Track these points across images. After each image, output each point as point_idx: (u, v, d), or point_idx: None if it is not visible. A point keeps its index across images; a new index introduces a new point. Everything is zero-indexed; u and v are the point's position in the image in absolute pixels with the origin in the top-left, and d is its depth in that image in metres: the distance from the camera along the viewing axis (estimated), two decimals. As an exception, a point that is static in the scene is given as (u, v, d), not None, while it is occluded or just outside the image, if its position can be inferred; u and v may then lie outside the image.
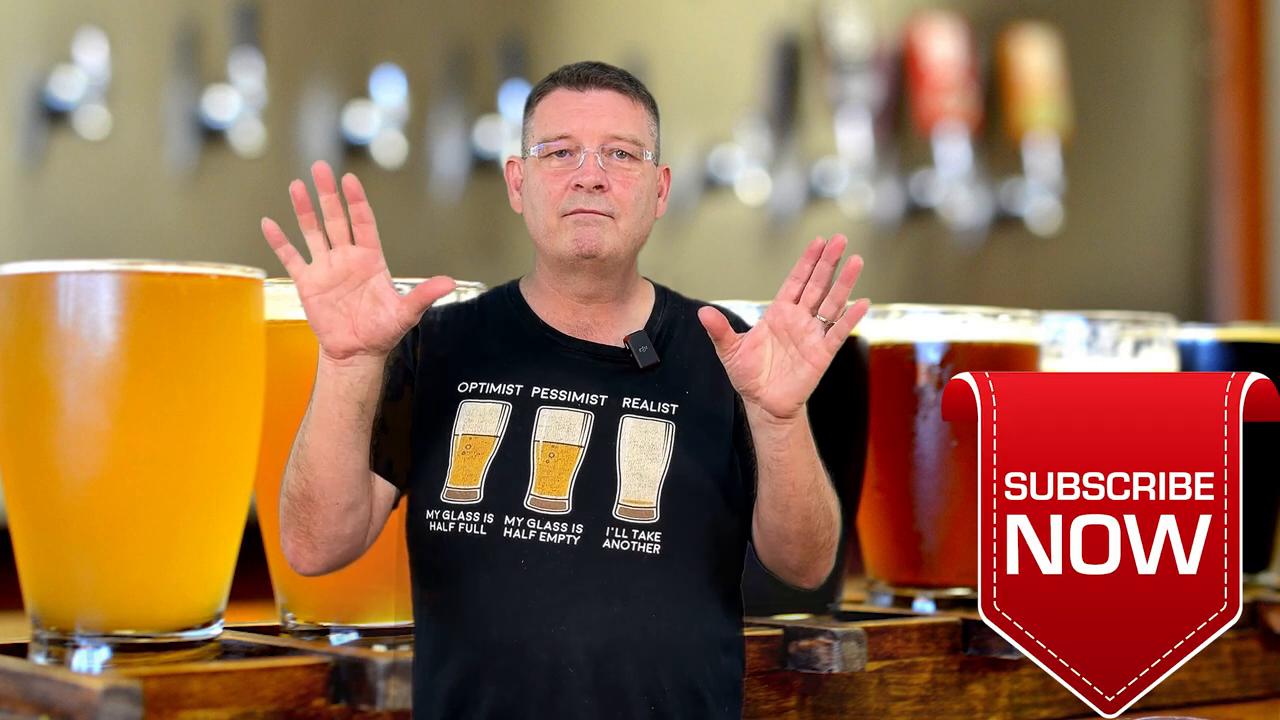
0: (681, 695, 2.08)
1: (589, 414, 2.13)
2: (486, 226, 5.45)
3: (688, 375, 2.17)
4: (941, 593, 2.92)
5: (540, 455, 2.11)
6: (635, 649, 2.06)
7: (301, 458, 2.08)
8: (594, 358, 2.16)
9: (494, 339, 2.19)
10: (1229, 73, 6.99)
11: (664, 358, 2.17)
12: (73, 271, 2.28)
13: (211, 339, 2.32)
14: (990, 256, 6.50)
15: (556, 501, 2.09)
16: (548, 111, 2.17)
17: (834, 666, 2.50)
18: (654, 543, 2.08)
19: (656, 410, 2.14)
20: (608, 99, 2.16)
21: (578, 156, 2.14)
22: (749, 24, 6.01)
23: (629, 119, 2.16)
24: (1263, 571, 3.32)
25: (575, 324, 2.18)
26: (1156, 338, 3.25)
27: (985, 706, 2.73)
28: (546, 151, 2.16)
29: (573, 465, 2.10)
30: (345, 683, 2.22)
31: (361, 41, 5.24)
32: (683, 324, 2.22)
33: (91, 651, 2.26)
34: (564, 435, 2.11)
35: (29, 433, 2.29)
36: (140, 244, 4.72)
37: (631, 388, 2.15)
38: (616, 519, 2.09)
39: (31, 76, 4.68)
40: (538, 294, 2.21)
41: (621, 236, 2.14)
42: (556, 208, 2.14)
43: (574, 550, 2.07)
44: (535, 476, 2.10)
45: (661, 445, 2.13)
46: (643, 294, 2.23)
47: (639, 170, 2.15)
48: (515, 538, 2.07)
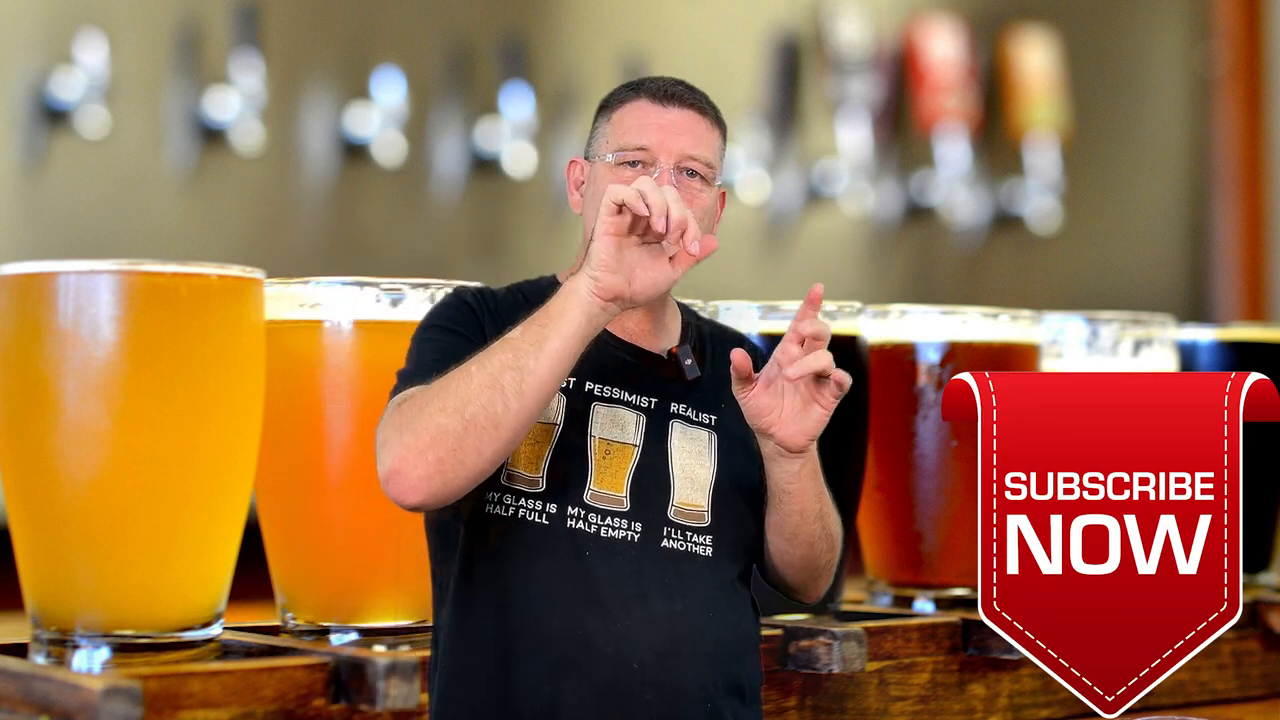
0: (730, 692, 2.13)
1: (641, 415, 2.17)
2: (486, 226, 5.45)
3: (722, 391, 2.21)
4: (941, 593, 2.92)
5: (597, 450, 2.14)
6: (693, 647, 2.10)
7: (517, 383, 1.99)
8: (642, 361, 2.20)
9: None
10: (1229, 73, 6.99)
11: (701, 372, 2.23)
12: (73, 271, 2.27)
13: (211, 339, 2.32)
14: (990, 256, 6.50)
15: (615, 497, 2.12)
16: (628, 121, 2.19)
17: (834, 666, 2.50)
18: (706, 545, 2.14)
19: (699, 419, 2.20)
20: (689, 118, 2.20)
21: (652, 170, 2.16)
22: (749, 24, 6.01)
23: (706, 141, 2.20)
24: (1263, 571, 3.32)
25: (621, 327, 2.21)
26: (1156, 338, 3.25)
27: (985, 706, 2.73)
28: (621, 160, 2.18)
29: (628, 463, 2.14)
30: (345, 683, 2.22)
31: (361, 41, 5.24)
32: (710, 340, 2.28)
33: (91, 651, 2.26)
34: (619, 433, 2.15)
35: (29, 433, 2.29)
36: (140, 244, 4.72)
37: (677, 394, 2.20)
38: (671, 520, 2.13)
39: (31, 76, 4.68)
40: None
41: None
42: None
43: (635, 547, 2.11)
44: (594, 471, 2.13)
45: (707, 452, 2.18)
46: (674, 308, 2.28)
47: (707, 192, 2.19)
48: (579, 529, 2.10)
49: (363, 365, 2.47)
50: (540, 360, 2.01)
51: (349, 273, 2.52)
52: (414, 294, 2.49)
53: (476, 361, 2.02)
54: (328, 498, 2.46)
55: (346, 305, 2.48)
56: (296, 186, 5.14)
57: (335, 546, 2.46)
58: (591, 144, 2.23)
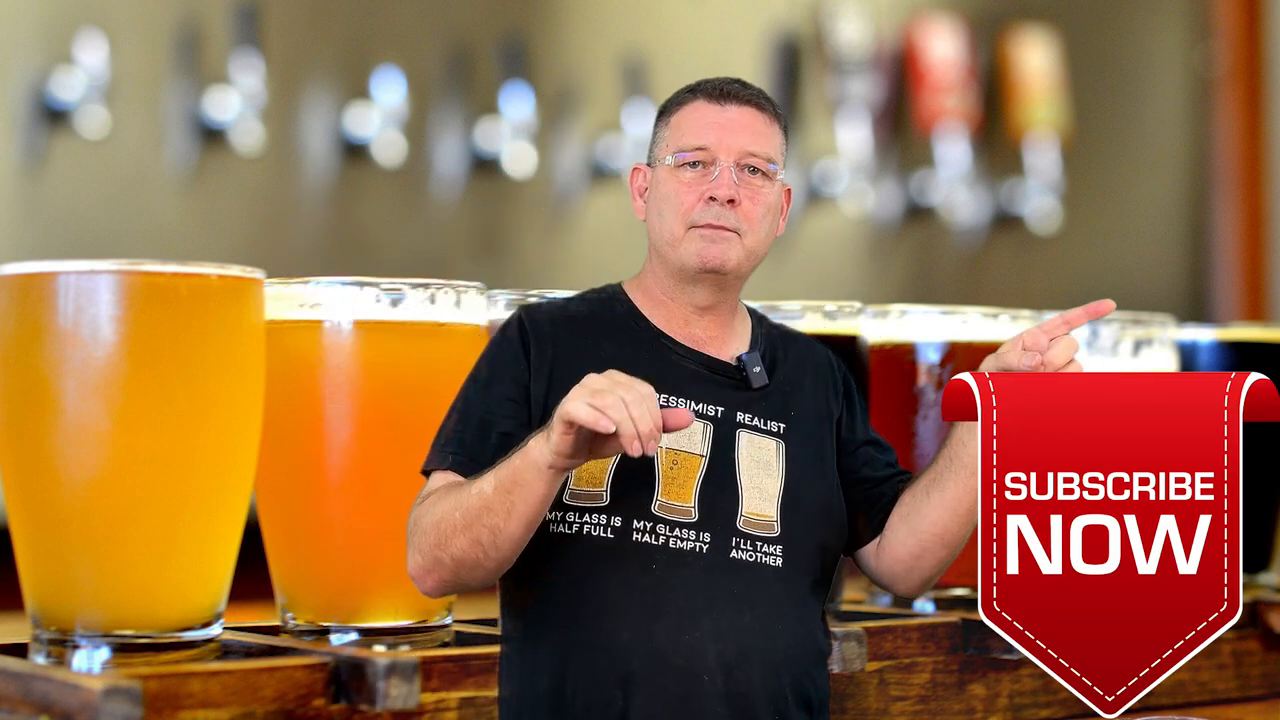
0: (799, 704, 2.13)
1: (708, 424, 2.16)
2: (486, 226, 5.45)
3: (791, 398, 2.21)
4: (941, 593, 2.92)
5: (665, 461, 2.12)
6: (762, 658, 2.10)
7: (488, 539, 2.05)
8: (709, 370, 2.19)
9: (608, 343, 2.19)
10: (1229, 73, 6.99)
11: (770, 379, 2.22)
12: (73, 271, 2.27)
13: (211, 339, 2.32)
14: (990, 256, 6.51)
15: (683, 509, 2.11)
16: (686, 122, 2.19)
17: (834, 666, 2.50)
18: (776, 555, 2.13)
19: (767, 428, 2.19)
20: (748, 115, 2.20)
21: (712, 169, 2.16)
22: (749, 24, 6.01)
23: (765, 137, 2.20)
24: (1263, 571, 3.32)
25: (688, 335, 2.21)
26: (1156, 338, 3.25)
27: (985, 706, 2.73)
28: (681, 162, 2.17)
29: (695, 474, 2.13)
30: (345, 683, 2.22)
31: (361, 41, 5.24)
32: (783, 347, 2.27)
33: (91, 651, 2.26)
34: (686, 444, 2.14)
35: (29, 433, 2.29)
36: (140, 244, 4.72)
37: (744, 403, 2.19)
38: (741, 530, 2.12)
39: (31, 76, 4.68)
40: (650, 302, 2.23)
41: (745, 252, 2.18)
42: (687, 218, 2.16)
43: (704, 558, 2.10)
44: (661, 482, 2.11)
45: (775, 461, 2.17)
46: (743, 313, 2.28)
47: (769, 188, 2.19)
48: (645, 542, 2.09)
49: (363, 365, 2.47)
50: (510, 522, 2.05)
51: (349, 273, 2.52)
52: (414, 294, 2.49)
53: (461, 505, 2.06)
54: (328, 498, 2.46)
55: (346, 305, 2.48)
56: (296, 186, 5.14)
57: (335, 546, 2.46)
58: (653, 149, 2.23)
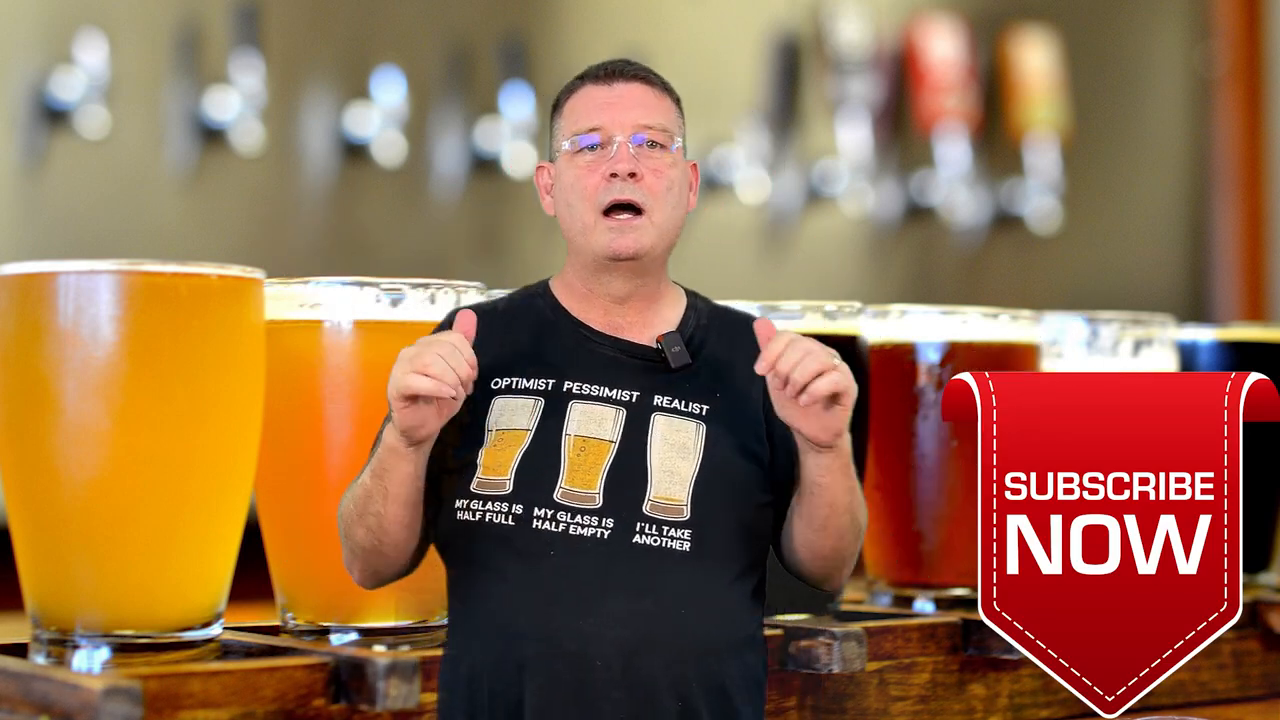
0: (709, 692, 2.09)
1: (621, 410, 2.15)
2: (486, 226, 5.45)
3: (719, 378, 2.19)
4: (941, 593, 2.92)
5: (572, 449, 2.13)
6: (665, 645, 2.07)
7: (374, 524, 2.13)
8: (627, 355, 2.19)
9: (527, 336, 2.21)
10: (1229, 73, 6.99)
11: (696, 359, 2.20)
12: (73, 271, 2.27)
13: (211, 339, 2.32)
14: (990, 256, 6.51)
15: (587, 495, 2.10)
16: (577, 108, 2.20)
17: (834, 666, 2.50)
18: (684, 540, 2.10)
19: (687, 410, 2.16)
20: (636, 90, 2.19)
21: (609, 147, 2.17)
22: (749, 24, 6.01)
23: (657, 109, 2.20)
24: (1263, 571, 3.32)
25: (608, 323, 2.21)
26: (1156, 338, 3.25)
27: (985, 706, 2.73)
28: (578, 146, 2.18)
29: (604, 460, 2.12)
30: (345, 683, 2.22)
31: (361, 41, 5.24)
32: (715, 327, 2.25)
33: (91, 651, 2.26)
34: (595, 430, 2.14)
35: (29, 433, 2.29)
36: (140, 244, 4.72)
37: (663, 386, 2.17)
38: (647, 515, 2.10)
39: (31, 76, 4.68)
40: (570, 293, 2.23)
41: (656, 231, 2.17)
42: (594, 202, 2.16)
43: (604, 544, 2.08)
44: (566, 469, 2.11)
45: (693, 444, 2.15)
46: (674, 297, 2.26)
47: (669, 159, 2.18)
48: (544, 529, 2.09)
49: (363, 365, 2.47)
50: (389, 505, 2.12)
51: (349, 273, 2.52)
52: (414, 294, 2.49)
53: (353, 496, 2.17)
54: (328, 498, 2.46)
55: (346, 305, 2.48)
56: (296, 186, 5.14)
57: (335, 546, 2.45)
58: (551, 145, 2.24)
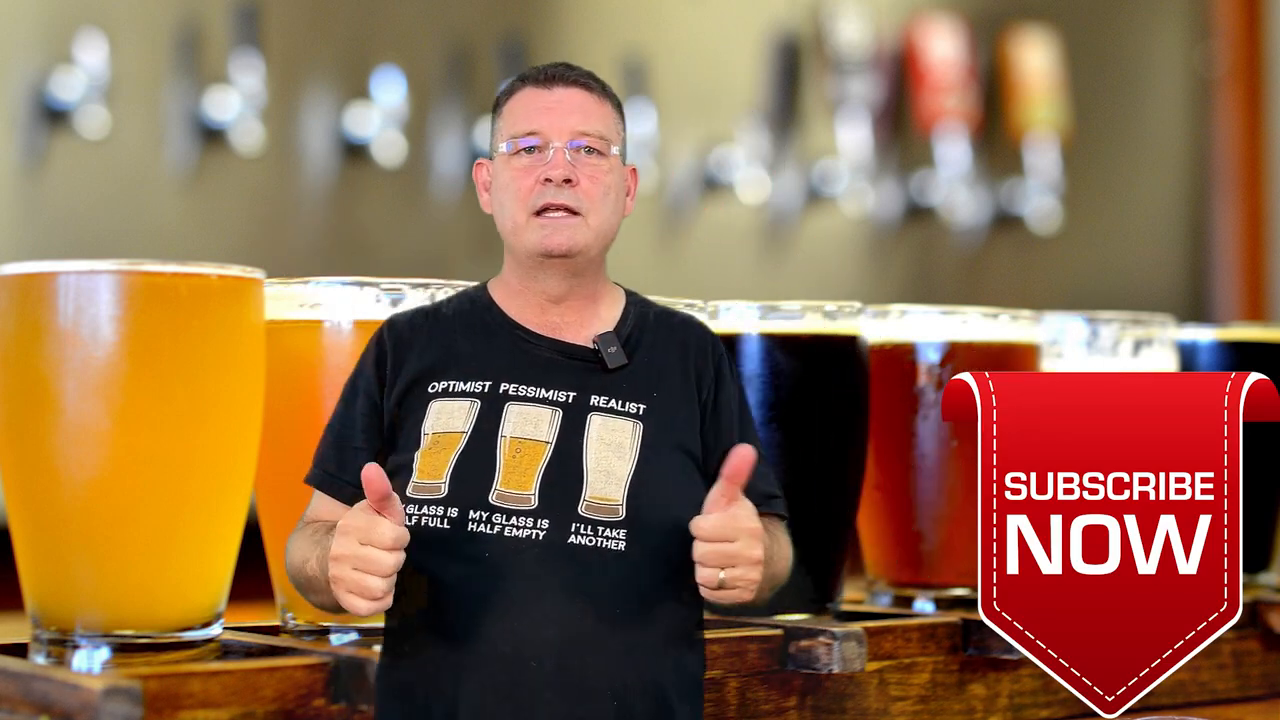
0: (644, 692, 2.08)
1: (557, 411, 2.14)
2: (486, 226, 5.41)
3: (657, 378, 2.18)
4: (941, 593, 2.92)
5: (507, 450, 2.11)
6: (599, 645, 2.06)
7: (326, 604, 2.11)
8: (563, 356, 2.17)
9: (463, 339, 2.20)
10: (1229, 73, 7.00)
11: (633, 359, 2.18)
12: (73, 271, 2.28)
13: (211, 339, 2.32)
14: (990, 256, 6.51)
15: (522, 497, 2.09)
16: (515, 110, 2.19)
17: (834, 666, 2.50)
18: (619, 540, 2.08)
19: (624, 409, 2.15)
20: (575, 96, 2.18)
21: (546, 152, 2.16)
22: (749, 24, 6.01)
23: (596, 115, 2.18)
24: (1263, 571, 3.32)
25: (544, 323, 2.19)
26: (1156, 338, 3.25)
27: (985, 706, 2.73)
28: (515, 149, 2.17)
29: (539, 461, 2.11)
30: (345, 683, 2.22)
31: (361, 41, 5.24)
32: (652, 328, 2.23)
33: (91, 651, 2.26)
34: (531, 431, 2.12)
35: (29, 433, 2.29)
36: (140, 244, 4.72)
37: (600, 386, 2.16)
38: (582, 515, 2.08)
39: (31, 76, 4.68)
40: (507, 294, 2.22)
41: (592, 233, 2.16)
42: (526, 204, 2.15)
43: (539, 545, 2.07)
44: (501, 471, 2.10)
45: (629, 444, 2.13)
46: (612, 297, 2.24)
47: (606, 165, 2.17)
48: (480, 531, 2.08)
49: (363, 365, 2.47)
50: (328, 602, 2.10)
51: (349, 273, 2.52)
52: (414, 294, 2.49)
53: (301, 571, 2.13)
54: (328, 498, 2.46)
55: (346, 305, 2.48)
56: (296, 186, 5.14)
57: (335, 546, 2.46)
58: (490, 144, 2.23)
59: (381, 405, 2.19)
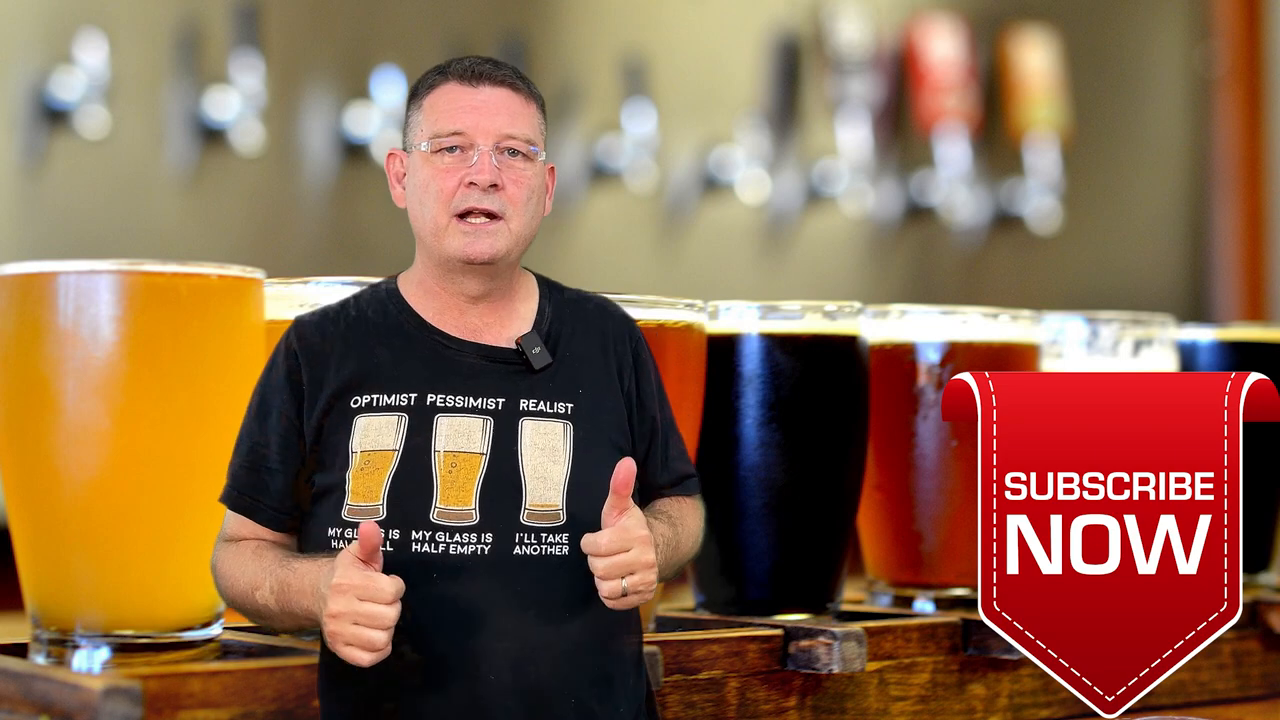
0: (596, 683, 2.07)
1: (488, 419, 2.09)
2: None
3: (580, 372, 2.14)
4: (941, 593, 2.92)
5: (443, 466, 2.06)
6: (552, 651, 2.05)
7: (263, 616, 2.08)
8: (487, 360, 2.12)
9: (381, 347, 2.12)
10: (1229, 73, 7.00)
11: (555, 355, 2.14)
12: (73, 271, 2.28)
13: (211, 339, 2.32)
14: (990, 256, 6.51)
15: (463, 512, 2.05)
16: (439, 106, 2.12)
17: (834, 666, 2.50)
18: (563, 544, 2.06)
19: (553, 410, 2.11)
20: (502, 97, 2.12)
21: (470, 154, 2.10)
22: (749, 24, 6.01)
23: (522, 118, 2.13)
24: (1263, 571, 3.32)
25: (464, 325, 2.14)
26: (1156, 338, 3.25)
27: (985, 706, 2.73)
28: (438, 147, 2.11)
29: (476, 474, 2.07)
30: (345, 683, 2.22)
31: (361, 41, 5.24)
32: (570, 318, 2.18)
33: (91, 651, 2.26)
34: (465, 443, 2.07)
35: (29, 433, 2.30)
36: (140, 244, 4.72)
37: (528, 389, 2.11)
38: (525, 524, 2.06)
39: (31, 76, 4.68)
40: (422, 294, 2.16)
41: (513, 238, 2.11)
42: (448, 205, 2.10)
43: (484, 560, 2.04)
44: (439, 488, 2.06)
45: (562, 446, 2.10)
46: (528, 290, 2.19)
47: (531, 169, 2.12)
48: (425, 552, 2.04)
49: (363, 365, 2.47)
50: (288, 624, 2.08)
51: (349, 273, 2.52)
52: (414, 294, 2.49)
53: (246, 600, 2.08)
54: (328, 498, 2.46)
55: (346, 305, 2.47)
56: (296, 186, 5.14)
57: (335, 546, 2.46)
58: (406, 134, 2.16)
59: (300, 424, 2.11)
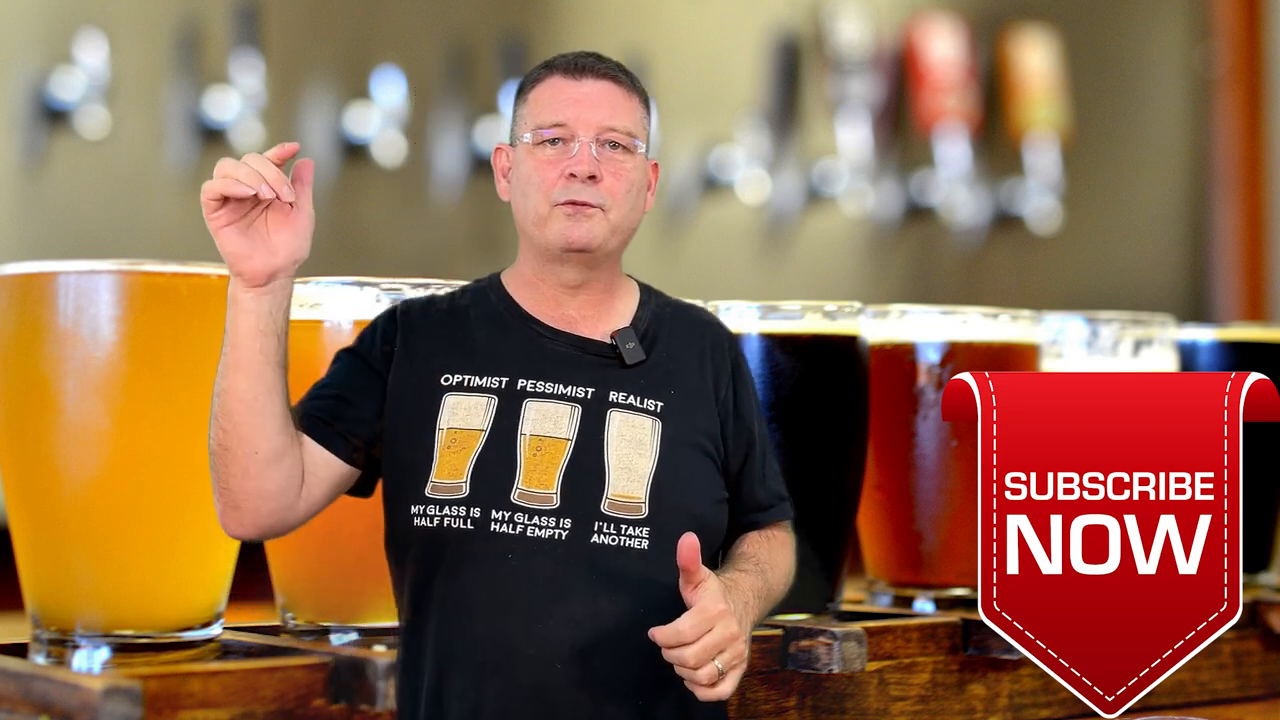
0: (666, 689, 2.07)
1: (576, 407, 2.12)
2: (486, 226, 5.45)
3: (673, 373, 2.17)
4: (941, 593, 2.92)
5: (527, 448, 2.09)
6: (621, 644, 2.05)
7: (219, 407, 2.04)
8: (581, 351, 2.16)
9: (478, 331, 2.17)
10: (1229, 73, 7.00)
11: (650, 355, 2.17)
12: (73, 271, 2.28)
13: (211, 339, 2.31)
14: (990, 256, 6.51)
15: (544, 495, 2.08)
16: (542, 99, 2.16)
17: (834, 666, 2.50)
18: (642, 538, 2.08)
19: (643, 406, 2.14)
20: (604, 89, 2.15)
21: (571, 145, 2.13)
22: (749, 24, 6.01)
23: (624, 110, 2.16)
24: (1263, 571, 3.32)
25: (560, 316, 2.17)
26: (1156, 338, 3.25)
27: (985, 706, 2.73)
28: (539, 139, 2.14)
29: (560, 459, 2.09)
30: (345, 683, 2.22)
31: (361, 41, 5.25)
32: (669, 322, 2.22)
33: (91, 651, 2.26)
34: (551, 428, 2.10)
35: (29, 433, 2.30)
36: (140, 244, 4.72)
37: (618, 382, 2.14)
38: (605, 513, 2.08)
39: (31, 76, 4.69)
40: (522, 285, 2.20)
41: (611, 228, 2.14)
42: (549, 196, 2.13)
43: (562, 545, 2.06)
44: (522, 470, 2.08)
45: (649, 440, 2.12)
46: (627, 289, 2.23)
47: (631, 162, 2.15)
48: (502, 532, 2.06)
49: (363, 365, 2.47)
50: (226, 376, 2.04)
51: (349, 273, 2.52)
52: (414, 294, 2.49)
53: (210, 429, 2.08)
54: (328, 498, 2.46)
55: (346, 305, 2.48)
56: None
57: (335, 546, 2.46)
58: (513, 129, 2.20)
59: (385, 376, 2.14)
